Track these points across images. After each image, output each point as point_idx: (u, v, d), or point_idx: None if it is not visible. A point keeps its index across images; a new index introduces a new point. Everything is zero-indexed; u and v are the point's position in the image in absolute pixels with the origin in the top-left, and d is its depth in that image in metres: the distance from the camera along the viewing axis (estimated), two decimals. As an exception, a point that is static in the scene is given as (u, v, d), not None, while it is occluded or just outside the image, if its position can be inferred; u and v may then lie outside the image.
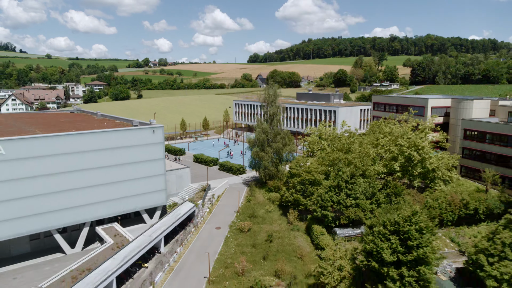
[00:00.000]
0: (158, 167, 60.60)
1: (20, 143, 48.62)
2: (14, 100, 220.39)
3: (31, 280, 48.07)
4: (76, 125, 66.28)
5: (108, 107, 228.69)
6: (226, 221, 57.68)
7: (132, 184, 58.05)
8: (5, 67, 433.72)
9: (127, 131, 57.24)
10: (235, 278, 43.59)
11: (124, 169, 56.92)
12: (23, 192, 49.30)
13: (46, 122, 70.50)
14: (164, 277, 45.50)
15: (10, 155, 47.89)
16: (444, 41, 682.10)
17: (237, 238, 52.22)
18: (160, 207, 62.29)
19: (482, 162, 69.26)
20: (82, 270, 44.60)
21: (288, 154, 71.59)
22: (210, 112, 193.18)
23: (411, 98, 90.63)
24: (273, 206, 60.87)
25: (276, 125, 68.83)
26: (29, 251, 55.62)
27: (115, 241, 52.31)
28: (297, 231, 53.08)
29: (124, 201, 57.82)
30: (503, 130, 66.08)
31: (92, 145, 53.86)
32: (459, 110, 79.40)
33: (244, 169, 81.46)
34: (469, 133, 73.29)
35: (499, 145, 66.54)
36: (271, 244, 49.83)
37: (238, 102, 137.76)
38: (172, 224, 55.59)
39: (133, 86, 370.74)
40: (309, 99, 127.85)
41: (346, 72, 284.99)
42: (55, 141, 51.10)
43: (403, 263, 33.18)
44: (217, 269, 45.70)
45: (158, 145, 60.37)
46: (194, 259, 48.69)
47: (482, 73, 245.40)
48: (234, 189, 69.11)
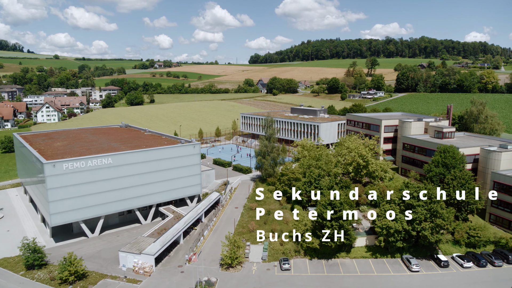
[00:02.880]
0: (196, 169, 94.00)
1: (120, 156, 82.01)
2: (48, 108, 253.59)
3: (127, 237, 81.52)
4: (140, 141, 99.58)
5: (129, 114, 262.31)
6: (241, 203, 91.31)
7: (180, 180, 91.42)
8: (25, 72, 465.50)
9: (179, 147, 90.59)
10: (248, 233, 77.07)
11: (175, 170, 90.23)
12: (119, 186, 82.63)
13: (119, 138, 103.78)
14: (207, 233, 79.15)
15: (114, 163, 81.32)
16: (437, 43, 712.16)
17: (248, 213, 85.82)
18: (197, 195, 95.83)
19: (412, 165, 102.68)
20: (161, 229, 78.05)
21: (282, 160, 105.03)
22: (219, 120, 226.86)
23: (371, 118, 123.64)
24: (270, 195, 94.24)
25: (272, 142, 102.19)
26: (117, 222, 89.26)
27: (174, 216, 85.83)
28: (285, 209, 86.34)
29: (176, 191, 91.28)
30: (424, 144, 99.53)
31: (158, 155, 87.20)
32: (402, 129, 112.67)
33: (251, 170, 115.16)
34: (406, 145, 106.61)
35: (422, 154, 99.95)
36: (269, 216, 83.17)
37: (244, 115, 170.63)
38: (207, 206, 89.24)
39: (145, 90, 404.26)
40: (300, 113, 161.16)
41: (338, 80, 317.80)
42: (138, 154, 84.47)
43: (332, 219, 66.39)
44: (237, 229, 79.22)
45: (197, 155, 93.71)
46: (223, 225, 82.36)
47: (456, 82, 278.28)
48: (245, 183, 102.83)
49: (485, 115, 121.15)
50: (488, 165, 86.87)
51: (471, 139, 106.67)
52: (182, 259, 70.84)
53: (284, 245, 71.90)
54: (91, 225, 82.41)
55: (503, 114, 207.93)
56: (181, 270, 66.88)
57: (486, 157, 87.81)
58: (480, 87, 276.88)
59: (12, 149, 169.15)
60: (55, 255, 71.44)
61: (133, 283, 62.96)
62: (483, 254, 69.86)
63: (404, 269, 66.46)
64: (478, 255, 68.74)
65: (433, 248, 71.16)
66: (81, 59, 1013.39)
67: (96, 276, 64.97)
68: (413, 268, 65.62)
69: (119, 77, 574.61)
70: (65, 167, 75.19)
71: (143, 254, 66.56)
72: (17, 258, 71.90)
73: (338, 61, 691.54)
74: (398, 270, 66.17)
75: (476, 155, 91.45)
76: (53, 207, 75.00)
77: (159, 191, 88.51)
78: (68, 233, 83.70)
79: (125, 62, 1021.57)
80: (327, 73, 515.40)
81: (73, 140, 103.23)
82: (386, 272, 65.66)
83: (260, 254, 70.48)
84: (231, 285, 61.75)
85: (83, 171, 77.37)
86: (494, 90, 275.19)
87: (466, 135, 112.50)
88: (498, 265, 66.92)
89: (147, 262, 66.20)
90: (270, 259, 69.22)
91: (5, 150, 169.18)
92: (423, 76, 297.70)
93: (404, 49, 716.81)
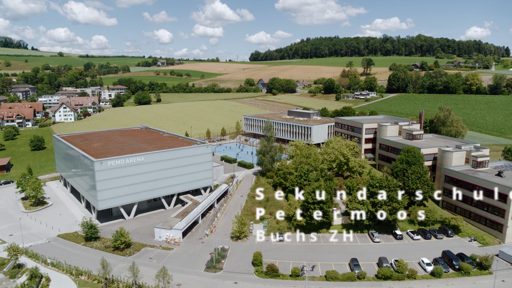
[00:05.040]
0: (209, 165, 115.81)
1: (150, 155, 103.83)
2: (65, 108, 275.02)
3: (156, 219, 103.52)
4: (163, 142, 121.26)
5: (140, 114, 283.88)
6: (245, 193, 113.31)
7: (196, 174, 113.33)
8: (36, 72, 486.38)
9: (195, 147, 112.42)
10: (251, 215, 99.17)
11: (192, 166, 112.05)
12: (149, 178, 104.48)
13: (144, 140, 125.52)
14: (219, 215, 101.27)
15: (146, 161, 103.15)
16: (433, 42, 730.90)
17: (251, 200, 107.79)
18: (209, 187, 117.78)
19: (386, 162, 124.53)
20: (183, 212, 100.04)
21: (279, 157, 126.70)
22: (223, 120, 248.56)
23: (355, 121, 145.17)
24: (269, 186, 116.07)
25: (271, 142, 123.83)
26: (146, 208, 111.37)
27: (192, 202, 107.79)
28: (280, 197, 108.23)
29: (193, 183, 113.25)
30: (394, 145, 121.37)
31: (179, 154, 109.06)
32: (380, 131, 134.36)
33: (253, 165, 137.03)
34: (382, 145, 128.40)
35: (393, 153, 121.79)
36: (267, 202, 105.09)
37: (247, 117, 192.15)
38: (218, 194, 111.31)
39: (151, 89, 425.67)
40: (296, 116, 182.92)
41: (334, 81, 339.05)
42: (163, 153, 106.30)
43: (316, 203, 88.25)
44: (243, 212, 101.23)
45: (209, 154, 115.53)
46: (232, 209, 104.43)
47: (443, 84, 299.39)
48: (248, 177, 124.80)
49: (451, 119, 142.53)
50: (443, 162, 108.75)
51: (437, 140, 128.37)
52: (202, 233, 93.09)
53: (279, 223, 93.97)
54: (127, 209, 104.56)
55: (481, 115, 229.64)
56: (202, 241, 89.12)
57: (442, 156, 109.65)
58: (465, 88, 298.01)
59: (40, 147, 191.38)
60: (103, 232, 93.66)
61: (167, 250, 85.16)
62: (430, 230, 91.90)
63: (369, 240, 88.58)
64: (426, 231, 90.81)
65: (392, 225, 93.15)
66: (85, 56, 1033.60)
67: (139, 245, 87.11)
68: (375, 239, 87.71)
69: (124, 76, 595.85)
70: (109, 164, 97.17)
71: (173, 229, 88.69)
72: (75, 234, 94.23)
73: (336, 59, 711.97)
74: (364, 241, 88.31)
75: (435, 154, 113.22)
76: (100, 195, 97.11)
77: (179, 183, 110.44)
78: (108, 216, 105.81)
79: (127, 59, 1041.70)
80: (325, 71, 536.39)
81: (106, 141, 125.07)
82: (355, 243, 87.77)
83: (261, 230, 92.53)
84: (239, 251, 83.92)
85: (122, 167, 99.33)
86: (478, 91, 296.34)
87: (435, 137, 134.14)
88: (440, 238, 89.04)
89: (176, 235, 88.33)
90: (268, 233, 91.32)
91: (34, 148, 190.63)
92: (413, 77, 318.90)
93: (400, 47, 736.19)
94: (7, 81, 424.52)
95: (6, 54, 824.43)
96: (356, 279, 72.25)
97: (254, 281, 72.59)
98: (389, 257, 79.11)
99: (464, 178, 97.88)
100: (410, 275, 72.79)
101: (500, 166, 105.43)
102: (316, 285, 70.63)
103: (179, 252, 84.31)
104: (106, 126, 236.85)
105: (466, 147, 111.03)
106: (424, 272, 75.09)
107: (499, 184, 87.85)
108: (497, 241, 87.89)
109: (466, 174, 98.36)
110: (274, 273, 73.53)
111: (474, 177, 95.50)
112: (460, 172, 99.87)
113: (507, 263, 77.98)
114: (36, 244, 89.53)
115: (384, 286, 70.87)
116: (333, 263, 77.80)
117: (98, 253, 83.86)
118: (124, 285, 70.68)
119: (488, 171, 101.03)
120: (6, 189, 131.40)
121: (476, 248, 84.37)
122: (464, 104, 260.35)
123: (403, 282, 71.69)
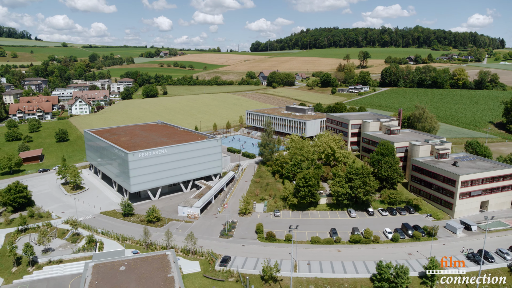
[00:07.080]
0: (218, 156, 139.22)
1: (171, 148, 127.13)
2: (81, 102, 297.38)
3: (176, 200, 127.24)
4: (179, 136, 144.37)
5: (150, 107, 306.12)
6: (249, 178, 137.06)
7: (208, 163, 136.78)
8: (46, 65, 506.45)
9: (208, 141, 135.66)
10: (254, 197, 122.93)
11: (205, 157, 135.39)
12: (170, 167, 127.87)
13: (163, 134, 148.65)
14: (228, 196, 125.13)
15: (168, 152, 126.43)
16: (429, 33, 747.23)
17: (254, 184, 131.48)
18: (219, 174, 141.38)
19: (367, 153, 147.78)
20: (199, 194, 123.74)
21: (278, 149, 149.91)
22: (226, 113, 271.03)
23: (343, 118, 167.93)
24: (269, 173, 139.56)
25: (270, 136, 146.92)
26: (167, 191, 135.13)
27: (205, 186, 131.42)
28: (278, 182, 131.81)
29: (205, 171, 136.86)
30: (373, 138, 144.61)
31: (195, 147, 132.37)
32: (363, 126, 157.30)
33: (255, 156, 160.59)
34: (364, 139, 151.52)
35: (372, 145, 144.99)
36: (267, 186, 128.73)
37: (250, 112, 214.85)
38: (227, 180, 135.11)
39: (157, 82, 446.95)
40: (293, 111, 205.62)
41: (330, 75, 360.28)
42: (182, 146, 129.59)
43: (305, 186, 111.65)
44: (248, 194, 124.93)
45: (219, 146, 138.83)
46: (238, 191, 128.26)
47: (431, 79, 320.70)
48: (251, 165, 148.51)
49: (426, 116, 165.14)
50: (412, 154, 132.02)
51: (411, 134, 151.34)
52: (215, 210, 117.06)
53: (277, 203, 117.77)
54: (152, 192, 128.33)
55: (462, 109, 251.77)
56: (216, 216, 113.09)
57: (411, 149, 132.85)
58: (452, 83, 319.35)
59: (64, 139, 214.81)
60: (136, 210, 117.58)
61: (189, 223, 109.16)
62: (396, 208, 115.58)
63: (347, 216, 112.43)
64: (393, 209, 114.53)
65: (367, 204, 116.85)
66: (88, 47, 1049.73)
67: (166, 219, 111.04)
68: (352, 215, 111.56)
69: (129, 67, 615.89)
70: (140, 155, 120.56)
71: (193, 207, 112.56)
72: (113, 211, 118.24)
73: (335, 50, 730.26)
74: (343, 216, 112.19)
75: (407, 147, 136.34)
76: (133, 181, 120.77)
77: (195, 170, 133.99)
78: (137, 198, 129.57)
79: (130, 49, 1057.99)
80: (323, 63, 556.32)
81: (131, 136, 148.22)
82: (336, 217, 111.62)
83: (262, 208, 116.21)
84: (245, 223, 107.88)
85: (149, 157, 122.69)
86: (464, 86, 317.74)
87: (410, 132, 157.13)
88: (403, 214, 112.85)
89: (196, 212, 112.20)
90: (268, 210, 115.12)
91: (59, 140, 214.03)
92: (404, 72, 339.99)
93: (398, 38, 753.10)
94: (19, 74, 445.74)
95: (11, 45, 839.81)
96: (333, 243, 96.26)
97: (257, 244, 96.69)
98: (361, 227, 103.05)
99: (427, 167, 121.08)
100: (374, 240, 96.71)
101: (459, 158, 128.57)
102: (304, 247, 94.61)
103: (198, 224, 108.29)
104: (120, 119, 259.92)
105: (433, 141, 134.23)
106: (386, 238, 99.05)
107: (450, 172, 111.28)
108: (447, 217, 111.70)
109: (428, 164, 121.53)
110: (272, 238, 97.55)
111: (434, 167, 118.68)
112: (424, 162, 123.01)
113: (450, 232, 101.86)
114: (85, 219, 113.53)
115: (354, 247, 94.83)
116: (317, 232, 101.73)
117: (135, 225, 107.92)
118: (160, 247, 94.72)
119: (447, 162, 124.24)
120: (46, 176, 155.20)
121: (430, 222, 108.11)
122: (449, 99, 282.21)
123: (369, 245, 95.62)
